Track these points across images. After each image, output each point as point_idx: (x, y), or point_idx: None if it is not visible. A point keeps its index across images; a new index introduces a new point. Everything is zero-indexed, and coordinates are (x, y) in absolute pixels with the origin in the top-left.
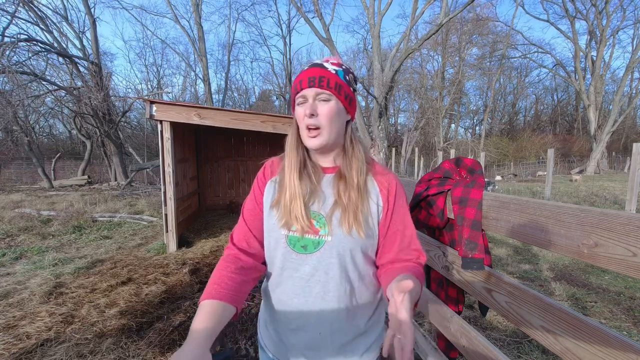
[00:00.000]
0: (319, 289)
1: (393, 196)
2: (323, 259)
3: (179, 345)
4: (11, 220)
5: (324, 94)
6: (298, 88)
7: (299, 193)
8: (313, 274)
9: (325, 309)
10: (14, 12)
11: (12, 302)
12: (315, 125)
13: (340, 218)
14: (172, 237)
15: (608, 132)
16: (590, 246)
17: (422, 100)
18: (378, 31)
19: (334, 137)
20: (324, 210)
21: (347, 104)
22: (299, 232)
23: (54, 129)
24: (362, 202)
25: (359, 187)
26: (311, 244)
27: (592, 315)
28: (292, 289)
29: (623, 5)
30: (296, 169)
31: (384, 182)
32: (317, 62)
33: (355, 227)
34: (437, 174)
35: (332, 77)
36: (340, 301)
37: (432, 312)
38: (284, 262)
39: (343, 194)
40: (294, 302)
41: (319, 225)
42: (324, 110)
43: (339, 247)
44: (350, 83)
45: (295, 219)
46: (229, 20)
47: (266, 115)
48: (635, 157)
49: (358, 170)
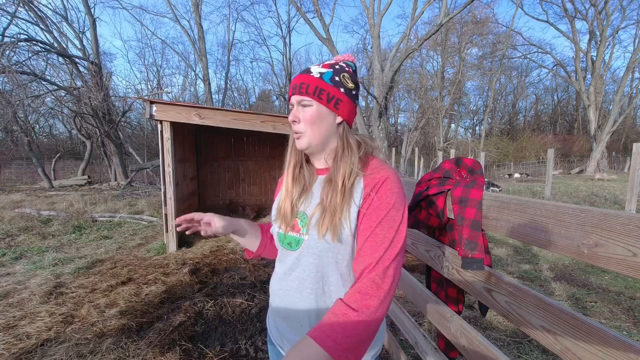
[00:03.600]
0: (297, 284)
1: (376, 191)
2: (302, 257)
3: (179, 345)
4: (11, 220)
5: (305, 100)
6: (289, 95)
7: (289, 193)
8: (293, 270)
9: (303, 304)
10: (14, 12)
11: (12, 302)
12: (298, 130)
13: (318, 219)
14: (172, 237)
15: (608, 132)
16: (590, 246)
17: (422, 100)
18: (378, 31)
19: (318, 140)
20: (309, 210)
21: (332, 106)
22: (283, 229)
23: (54, 129)
24: (343, 205)
25: (343, 191)
26: (294, 242)
27: (592, 315)
28: (280, 280)
29: (623, 5)
30: (291, 171)
31: (373, 179)
32: (306, 68)
33: (330, 230)
34: (437, 174)
35: (312, 82)
36: (317, 299)
37: (432, 312)
38: (280, 255)
39: (326, 196)
40: (280, 293)
41: (302, 224)
42: (305, 115)
43: (314, 248)
44: (341, 83)
45: (282, 217)
46: (228, 20)
47: (266, 115)
48: (635, 157)
49: (344, 174)
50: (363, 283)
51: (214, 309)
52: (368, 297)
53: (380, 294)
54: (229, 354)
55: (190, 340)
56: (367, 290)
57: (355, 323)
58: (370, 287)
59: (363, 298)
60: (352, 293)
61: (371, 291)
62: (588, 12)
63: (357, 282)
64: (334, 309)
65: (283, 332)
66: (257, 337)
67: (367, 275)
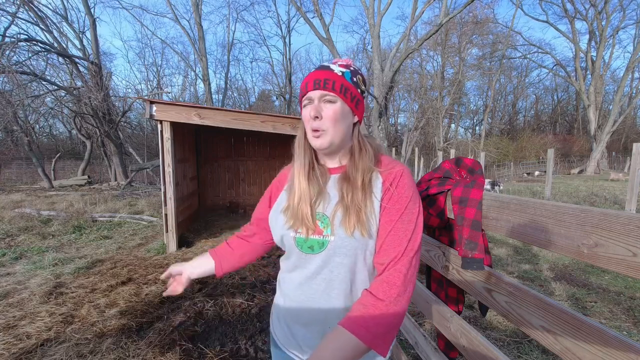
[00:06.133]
0: (325, 286)
1: (395, 185)
2: (328, 258)
3: (179, 345)
4: (11, 220)
5: (329, 96)
6: (304, 90)
7: (306, 196)
8: (319, 272)
9: (331, 306)
10: (15, 12)
11: (12, 302)
12: (320, 127)
13: (342, 218)
14: (172, 237)
15: (608, 132)
16: (590, 246)
17: (422, 100)
18: (378, 31)
19: (339, 139)
20: (328, 211)
21: (354, 106)
22: (304, 233)
23: (54, 129)
24: (366, 201)
25: (363, 187)
26: (317, 244)
27: (592, 315)
28: (300, 285)
29: (622, 5)
30: (304, 173)
31: (390, 173)
32: (324, 64)
33: (358, 227)
34: (437, 174)
35: (337, 79)
36: (346, 298)
37: (432, 312)
38: (296, 261)
39: (346, 194)
40: (302, 298)
41: (323, 225)
42: (329, 112)
43: (342, 247)
44: (358, 85)
45: (301, 221)
46: (228, 21)
47: (266, 115)
48: (635, 157)
49: (364, 171)
50: (390, 274)
51: (214, 309)
52: (396, 287)
53: (406, 285)
54: (229, 354)
55: (190, 340)
56: (394, 281)
57: (384, 312)
58: (396, 278)
59: (391, 288)
60: (379, 284)
61: (397, 282)
62: (588, 12)
63: (383, 273)
64: (362, 300)
65: (302, 338)
66: (257, 337)
67: (392, 266)
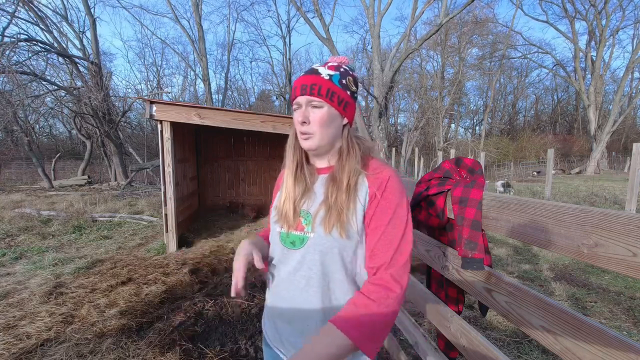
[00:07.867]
0: (304, 284)
1: (382, 191)
2: (307, 255)
3: (179, 345)
4: (11, 220)
5: (315, 101)
6: (293, 95)
7: (290, 193)
8: (299, 269)
9: (310, 303)
10: (14, 12)
11: (12, 302)
12: (307, 131)
13: (323, 217)
14: (172, 237)
15: (608, 132)
16: (590, 246)
17: (422, 100)
18: (378, 31)
19: (327, 141)
20: (312, 209)
21: (342, 109)
22: (285, 228)
23: (54, 129)
24: (349, 204)
25: (348, 189)
26: (298, 240)
27: (592, 315)
28: (282, 281)
29: (622, 5)
30: (292, 172)
31: (377, 179)
32: (312, 68)
33: (337, 227)
34: (437, 174)
35: (324, 83)
36: (323, 298)
37: (432, 312)
38: (279, 256)
39: (331, 194)
40: (285, 294)
41: (306, 222)
42: (316, 117)
43: (320, 245)
44: (347, 87)
45: (284, 216)
46: (228, 21)
47: (266, 115)
48: (635, 157)
49: (349, 173)
50: (382, 277)
51: (214, 309)
52: (388, 290)
53: (398, 287)
54: (229, 354)
55: (190, 340)
56: (387, 284)
57: (377, 314)
58: (389, 281)
59: (383, 290)
60: (373, 286)
61: (390, 285)
62: (588, 12)
63: (375, 276)
64: (355, 301)
65: (285, 334)
66: (257, 337)
67: (385, 270)
